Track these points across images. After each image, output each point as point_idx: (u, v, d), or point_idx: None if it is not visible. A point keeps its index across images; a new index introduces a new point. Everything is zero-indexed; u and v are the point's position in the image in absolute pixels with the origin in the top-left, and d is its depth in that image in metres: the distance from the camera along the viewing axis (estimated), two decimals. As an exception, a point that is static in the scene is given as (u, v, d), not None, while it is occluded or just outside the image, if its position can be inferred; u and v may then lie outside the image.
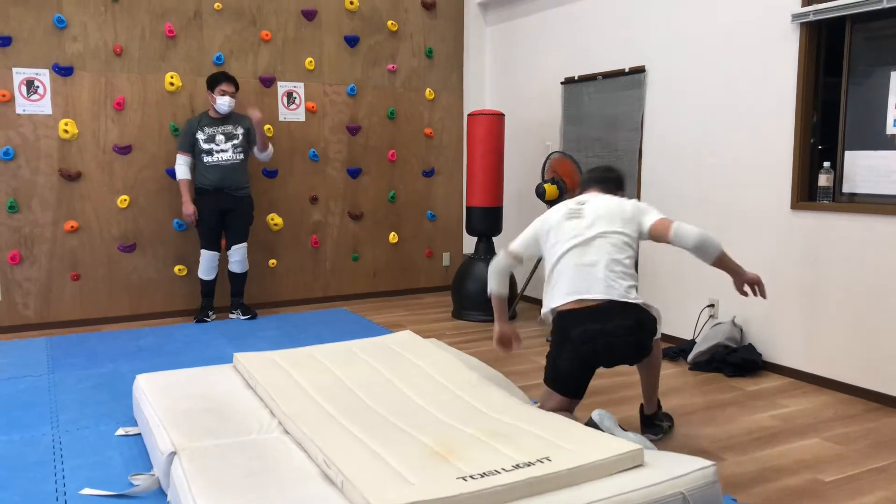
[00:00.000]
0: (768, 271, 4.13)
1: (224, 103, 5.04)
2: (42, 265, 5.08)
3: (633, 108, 4.96)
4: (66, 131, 5.04)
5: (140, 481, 2.61)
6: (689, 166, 4.60)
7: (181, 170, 5.10)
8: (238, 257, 5.28)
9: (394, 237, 6.35)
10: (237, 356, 3.43)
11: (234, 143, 5.13)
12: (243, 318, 5.39)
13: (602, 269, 2.81)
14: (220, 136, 5.10)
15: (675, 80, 4.66)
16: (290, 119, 5.80)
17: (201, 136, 5.08)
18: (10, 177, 4.93)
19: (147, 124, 5.31)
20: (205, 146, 5.08)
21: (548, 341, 3.06)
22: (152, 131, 5.33)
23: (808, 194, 4.00)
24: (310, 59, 5.83)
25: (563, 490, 2.09)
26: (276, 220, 5.80)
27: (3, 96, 4.85)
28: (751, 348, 4.18)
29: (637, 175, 4.94)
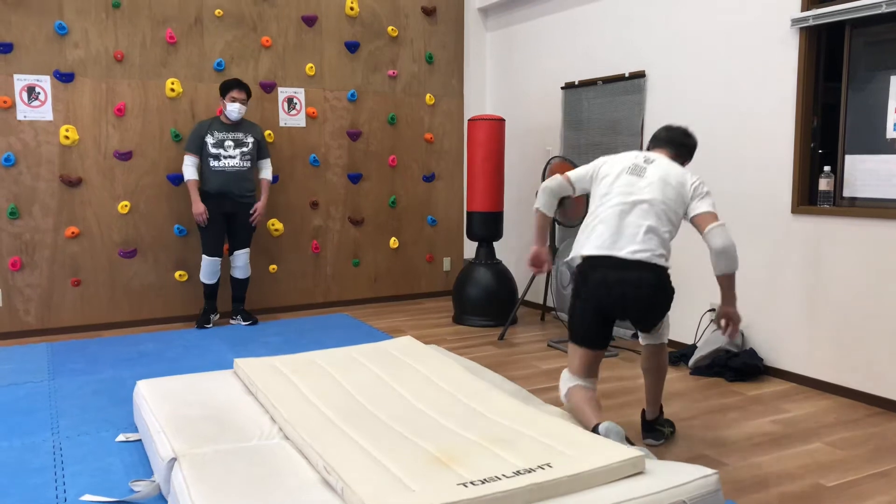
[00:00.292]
0: (769, 275, 4.13)
1: (234, 110, 5.04)
2: (43, 271, 5.08)
3: (633, 113, 4.97)
4: (66, 137, 5.05)
5: (141, 487, 2.61)
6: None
7: (189, 170, 5.08)
8: (241, 263, 5.28)
9: (394, 242, 6.35)
10: (238, 362, 3.43)
11: (244, 150, 5.13)
12: (244, 324, 5.39)
13: (641, 233, 2.88)
14: (229, 143, 5.09)
15: (675, 85, 4.67)
16: (291, 125, 5.81)
17: (210, 140, 5.07)
18: (12, 183, 4.94)
19: (148, 130, 5.32)
20: (213, 150, 5.07)
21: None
22: (153, 137, 5.33)
23: (808, 198, 4.00)
24: (310, 65, 5.84)
25: (565, 497, 2.09)
26: (276, 225, 5.80)
27: (5, 102, 4.87)
28: (752, 353, 4.17)
29: (637, 180, 4.94)
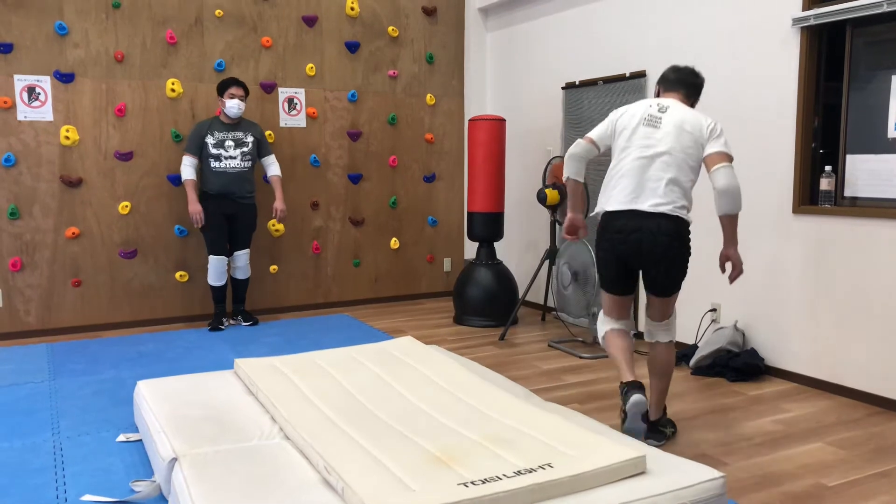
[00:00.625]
0: (770, 275, 4.13)
1: (234, 106, 5.03)
2: (43, 272, 5.08)
3: (633, 113, 4.95)
4: (67, 138, 5.05)
5: (141, 488, 2.61)
6: (690, 171, 4.59)
7: (187, 171, 5.07)
8: (241, 263, 5.27)
9: (395, 243, 6.34)
10: (238, 362, 3.43)
11: (244, 150, 5.13)
12: (245, 325, 5.39)
13: (663, 185, 2.96)
14: (229, 142, 5.09)
15: (675, 84, 4.66)
16: (291, 125, 5.81)
17: (210, 141, 5.06)
18: (12, 183, 4.94)
19: (148, 131, 5.31)
20: (213, 151, 5.06)
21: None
22: (153, 138, 5.33)
23: (809, 198, 3.99)
24: (311, 66, 5.83)
25: (566, 497, 2.08)
26: (277, 226, 5.80)
27: (5, 103, 4.87)
28: (753, 353, 4.17)
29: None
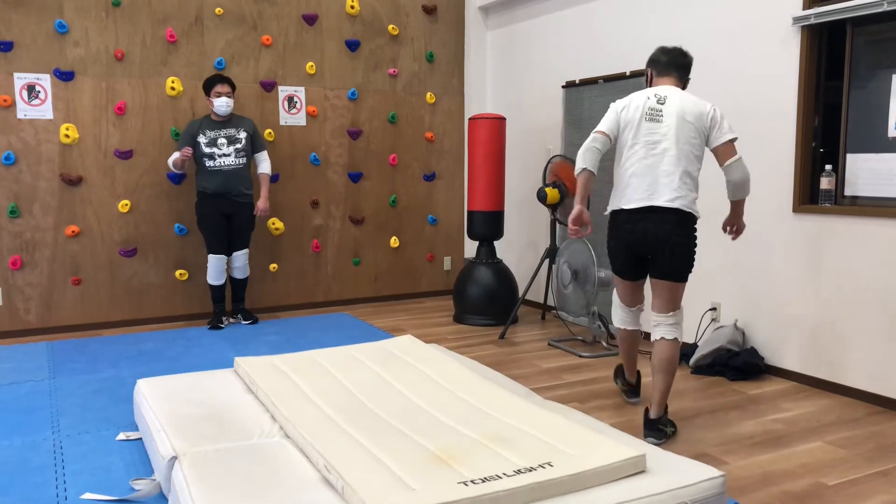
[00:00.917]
0: (770, 274, 4.13)
1: (222, 104, 5.02)
2: (43, 270, 5.08)
3: (634, 112, 4.95)
4: (67, 136, 5.04)
5: (141, 486, 2.61)
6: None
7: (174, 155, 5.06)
8: (239, 263, 5.27)
9: (395, 241, 6.34)
10: (238, 361, 3.43)
11: (237, 146, 5.12)
12: (245, 323, 5.39)
13: (678, 179, 3.07)
14: (222, 140, 5.08)
15: (675, 83, 4.65)
16: (292, 123, 5.81)
17: (203, 140, 5.05)
18: (12, 181, 4.94)
19: (148, 129, 5.31)
20: (206, 150, 5.05)
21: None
22: (153, 136, 5.33)
23: (809, 197, 3.99)
24: (311, 64, 5.83)
25: (566, 496, 2.08)
26: (277, 224, 5.80)
27: (5, 101, 4.86)
28: (753, 352, 4.17)
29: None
